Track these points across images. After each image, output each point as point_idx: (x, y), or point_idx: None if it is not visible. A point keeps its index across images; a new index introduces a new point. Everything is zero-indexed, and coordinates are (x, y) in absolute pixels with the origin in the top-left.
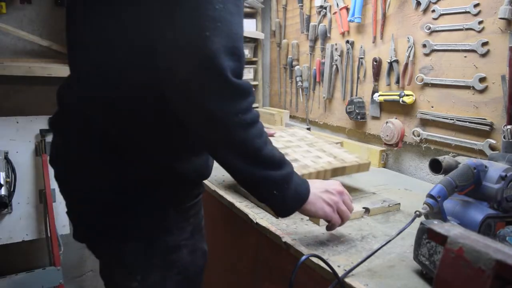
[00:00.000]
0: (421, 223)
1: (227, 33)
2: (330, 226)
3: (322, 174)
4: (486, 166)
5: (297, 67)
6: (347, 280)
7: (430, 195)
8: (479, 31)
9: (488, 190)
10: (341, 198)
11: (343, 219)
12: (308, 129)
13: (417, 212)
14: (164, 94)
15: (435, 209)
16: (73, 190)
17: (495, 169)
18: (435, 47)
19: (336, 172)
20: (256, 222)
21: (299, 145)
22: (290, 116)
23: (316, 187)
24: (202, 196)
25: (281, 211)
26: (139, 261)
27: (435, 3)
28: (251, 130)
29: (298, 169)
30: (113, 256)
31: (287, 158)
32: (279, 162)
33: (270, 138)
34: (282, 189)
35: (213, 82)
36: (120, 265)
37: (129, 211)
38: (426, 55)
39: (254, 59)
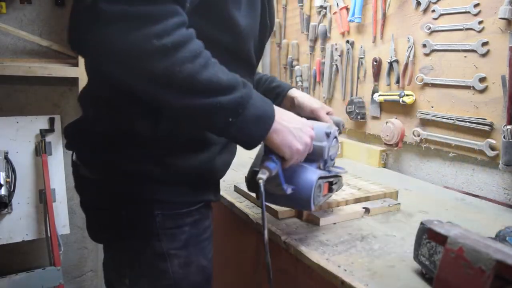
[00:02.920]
0: (421, 223)
1: None
2: (283, 164)
3: (344, 203)
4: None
5: (297, 67)
6: (347, 280)
7: (267, 157)
8: (479, 31)
9: (316, 148)
10: (309, 146)
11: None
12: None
13: (261, 180)
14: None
15: (274, 172)
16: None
17: (320, 126)
18: (435, 47)
19: (358, 201)
20: (256, 222)
21: None
22: None
23: (289, 120)
24: (210, 206)
25: (244, 141)
26: (126, 264)
27: (435, 3)
28: (176, 54)
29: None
30: (107, 254)
31: None
32: (228, 84)
33: None
34: (237, 114)
35: (97, 16)
36: (112, 266)
37: (115, 207)
38: (426, 55)
39: None
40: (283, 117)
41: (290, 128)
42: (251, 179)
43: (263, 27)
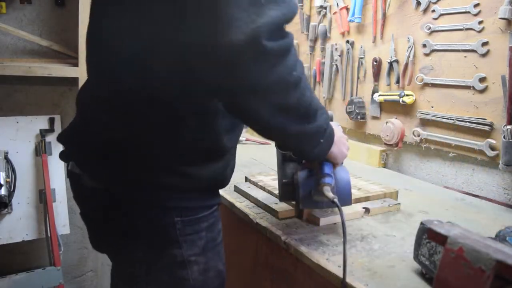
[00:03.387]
0: (421, 223)
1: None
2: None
3: None
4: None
5: None
6: (347, 280)
7: (325, 174)
8: (479, 31)
9: None
10: None
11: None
12: None
13: (335, 199)
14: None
15: (333, 186)
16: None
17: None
18: (435, 47)
19: (359, 201)
20: (256, 222)
21: None
22: None
23: (335, 130)
24: (219, 208)
25: (318, 156)
26: (142, 275)
27: (435, 3)
28: (301, 83)
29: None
30: (116, 264)
31: None
32: (321, 106)
33: None
34: (324, 134)
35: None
36: (122, 276)
37: (128, 217)
38: (426, 55)
39: None
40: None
41: (339, 137)
42: (287, 191)
43: None
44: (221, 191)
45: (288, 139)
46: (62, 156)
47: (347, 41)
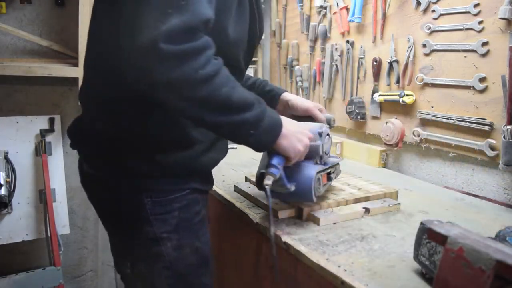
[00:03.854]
0: (421, 223)
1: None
2: (287, 163)
3: (344, 203)
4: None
5: (297, 67)
6: (347, 280)
7: (270, 164)
8: (479, 31)
9: (312, 148)
10: (309, 145)
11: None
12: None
13: (267, 186)
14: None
15: (278, 176)
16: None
17: (313, 128)
18: (435, 47)
19: (358, 200)
20: (256, 222)
21: None
22: None
23: (292, 125)
24: (203, 195)
25: (259, 148)
26: (126, 249)
27: (435, 3)
28: (215, 80)
29: (317, 201)
30: (111, 240)
31: None
32: (251, 101)
33: None
34: (258, 126)
35: (152, 56)
36: (115, 251)
37: (114, 199)
38: (426, 55)
39: (254, 59)
40: (287, 123)
41: (293, 133)
42: (259, 180)
43: (252, 35)
44: (221, 191)
45: (215, 129)
46: (71, 144)
47: (347, 41)
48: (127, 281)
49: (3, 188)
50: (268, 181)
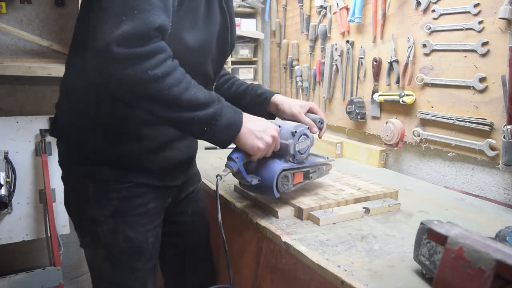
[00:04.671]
0: (421, 223)
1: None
2: (250, 159)
3: (344, 203)
4: (279, 126)
5: (297, 67)
6: (347, 280)
7: (229, 158)
8: (479, 31)
9: (282, 145)
10: (273, 144)
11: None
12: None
13: (219, 176)
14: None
15: (235, 169)
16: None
17: (287, 127)
18: (435, 47)
19: (358, 200)
20: (256, 222)
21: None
22: None
23: (255, 124)
24: (158, 190)
25: (217, 143)
26: (79, 223)
27: (435, 3)
28: (165, 81)
29: (317, 201)
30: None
31: (308, 192)
32: (204, 102)
33: None
34: (210, 125)
35: (108, 57)
36: (74, 223)
37: (71, 181)
38: (426, 55)
39: (254, 59)
40: (250, 122)
41: (253, 131)
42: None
43: (223, 44)
44: (221, 191)
45: (168, 123)
46: (50, 131)
47: (347, 41)
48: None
49: (3, 188)
50: (223, 173)
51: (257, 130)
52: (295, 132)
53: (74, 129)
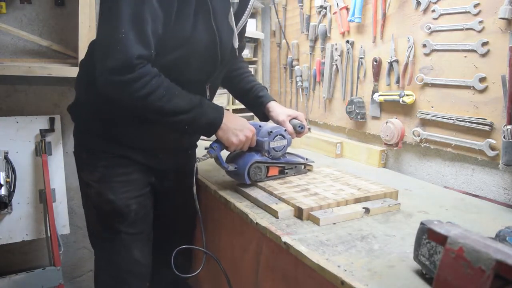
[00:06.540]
0: (421, 223)
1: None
2: (228, 150)
3: (344, 203)
4: (260, 126)
5: (297, 67)
6: (347, 280)
7: (210, 146)
8: (479, 31)
9: (259, 142)
10: (247, 141)
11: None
12: (309, 129)
13: (198, 159)
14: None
15: (213, 156)
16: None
17: (266, 128)
18: (435, 47)
19: (358, 200)
20: (256, 222)
21: (323, 181)
22: None
23: (235, 123)
24: (141, 166)
25: (200, 135)
26: (80, 183)
27: (435, 3)
28: (149, 98)
29: (317, 201)
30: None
31: (308, 193)
32: (186, 109)
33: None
34: (192, 124)
35: (106, 88)
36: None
37: (76, 149)
38: (426, 55)
39: (254, 59)
40: (231, 121)
41: (231, 129)
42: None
43: (212, 47)
44: (221, 191)
45: (160, 123)
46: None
47: (347, 41)
48: None
49: (3, 188)
50: (203, 157)
51: (234, 128)
52: (271, 132)
53: (84, 110)
